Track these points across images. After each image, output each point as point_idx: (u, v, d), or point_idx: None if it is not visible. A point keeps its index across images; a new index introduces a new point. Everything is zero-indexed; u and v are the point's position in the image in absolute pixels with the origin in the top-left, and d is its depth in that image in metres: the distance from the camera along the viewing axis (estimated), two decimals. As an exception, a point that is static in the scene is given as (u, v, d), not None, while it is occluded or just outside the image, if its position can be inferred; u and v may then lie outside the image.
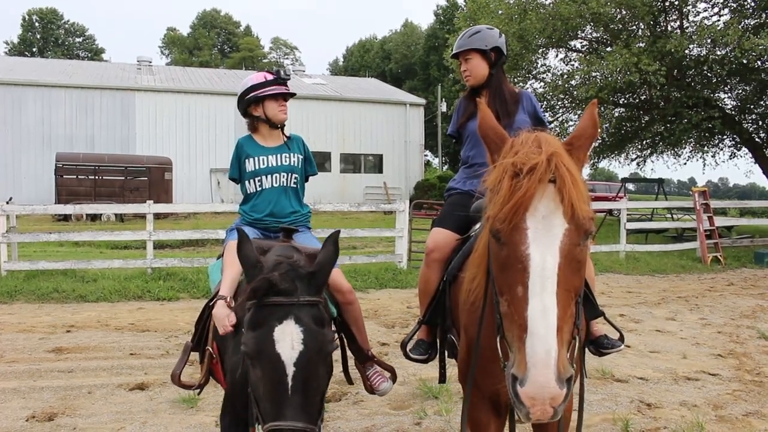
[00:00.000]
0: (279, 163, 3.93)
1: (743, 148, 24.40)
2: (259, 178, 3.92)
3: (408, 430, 5.15)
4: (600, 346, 3.34)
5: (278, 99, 3.91)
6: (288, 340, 2.26)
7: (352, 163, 37.45)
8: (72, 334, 8.23)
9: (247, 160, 3.93)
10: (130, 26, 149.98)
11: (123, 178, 27.87)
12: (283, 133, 4.03)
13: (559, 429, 2.68)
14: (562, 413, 2.00)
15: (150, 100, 33.70)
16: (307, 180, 4.17)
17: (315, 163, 4.24)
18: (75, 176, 27.30)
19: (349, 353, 3.83)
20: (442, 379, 3.59)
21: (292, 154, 3.99)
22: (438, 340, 3.46)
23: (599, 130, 2.11)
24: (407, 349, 3.51)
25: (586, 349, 3.43)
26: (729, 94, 23.31)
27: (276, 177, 3.92)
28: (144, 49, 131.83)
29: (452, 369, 3.71)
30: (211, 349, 3.34)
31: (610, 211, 23.88)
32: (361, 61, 68.78)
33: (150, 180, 27.83)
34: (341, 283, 3.65)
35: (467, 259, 2.92)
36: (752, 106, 23.08)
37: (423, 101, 40.17)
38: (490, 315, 2.48)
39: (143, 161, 28.68)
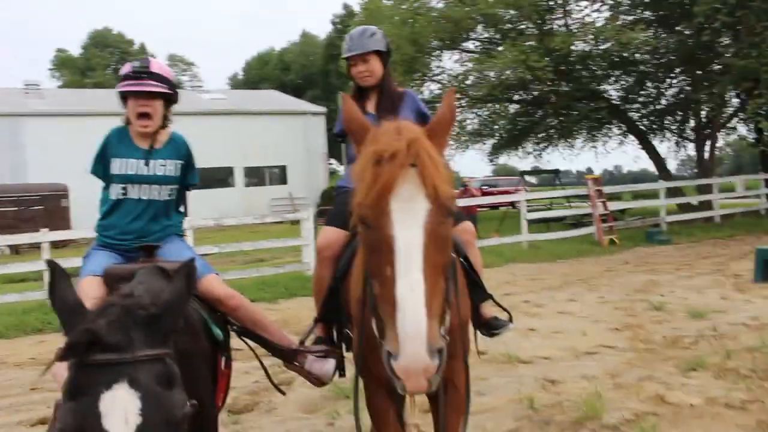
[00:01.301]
0: (152, 173, 3.40)
1: (630, 136, 25.76)
2: (124, 186, 3.38)
3: (321, 431, 5.22)
4: (490, 327, 3.51)
5: (138, 98, 3.31)
6: (119, 412, 1.71)
7: (256, 176, 37.10)
8: (-35, 375, 7.80)
9: (113, 160, 3.38)
10: (14, 50, 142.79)
11: (16, 208, 26.51)
12: (154, 136, 3.43)
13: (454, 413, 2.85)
14: (438, 385, 2.12)
15: (41, 125, 32.25)
16: (188, 190, 3.66)
17: (197, 171, 3.67)
18: (-38, 210, 25.85)
19: (275, 360, 3.65)
20: (342, 372, 3.67)
21: (168, 162, 3.44)
22: (336, 336, 3.55)
23: (455, 117, 2.24)
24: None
25: (478, 332, 3.61)
26: (614, 86, 24.57)
27: (145, 189, 3.38)
28: (33, 73, 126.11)
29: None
30: None
31: (512, 204, 24.68)
32: (261, 73, 68.19)
33: (46, 208, 26.60)
34: (216, 291, 3.27)
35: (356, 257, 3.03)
36: (635, 96, 24.41)
37: (324, 110, 40.28)
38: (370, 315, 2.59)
39: (37, 189, 27.39)
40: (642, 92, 24.25)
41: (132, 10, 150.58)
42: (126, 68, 3.37)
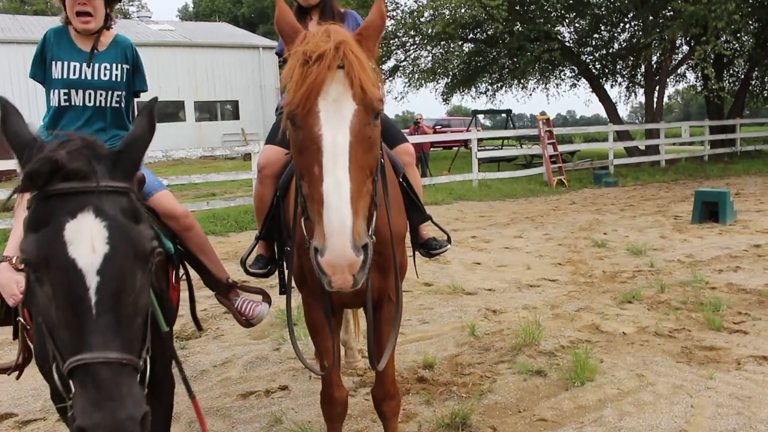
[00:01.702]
0: (96, 77, 3.15)
1: (582, 79, 26.00)
2: (67, 91, 3.13)
3: (267, 356, 5.31)
4: (429, 248, 3.59)
5: None
6: (86, 240, 1.64)
7: (208, 111, 36.29)
8: None
9: (54, 64, 3.13)
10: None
11: (-45, 138, 25.55)
12: (97, 37, 3.18)
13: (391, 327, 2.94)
14: (364, 283, 2.18)
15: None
16: (137, 96, 3.40)
17: (145, 75, 3.44)
18: None
19: (209, 293, 3.58)
20: (282, 290, 3.72)
21: (114, 65, 3.20)
22: (276, 254, 3.57)
23: (392, 25, 2.28)
24: (247, 265, 3.58)
25: (417, 252, 3.69)
26: (568, 28, 24.63)
27: (90, 94, 3.15)
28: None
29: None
30: (23, 320, 2.65)
31: (465, 143, 24.83)
32: (212, 6, 65.99)
33: (-14, 138, 25.70)
34: (173, 207, 3.14)
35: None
36: (588, 40, 24.53)
37: (276, 44, 39.32)
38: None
39: (-24, 119, 26.38)
40: (595, 36, 24.39)
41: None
42: None
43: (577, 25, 24.30)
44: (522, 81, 26.73)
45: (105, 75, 3.17)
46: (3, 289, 2.56)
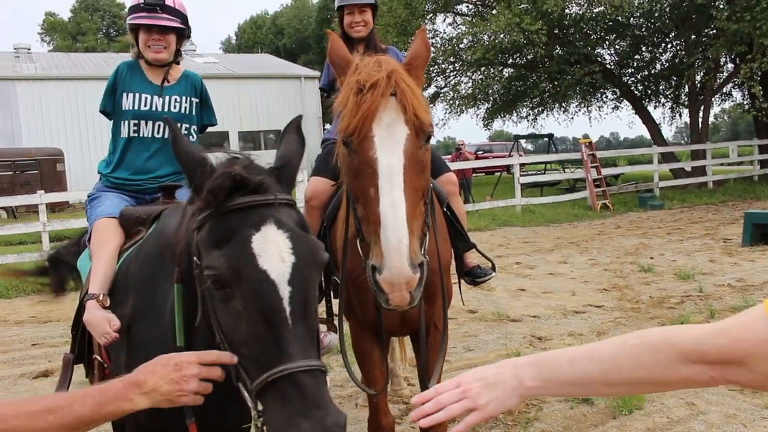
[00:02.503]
0: (166, 109, 3.18)
1: (624, 101, 25.76)
2: (137, 122, 3.16)
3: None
4: (474, 275, 3.63)
5: (151, 31, 3.13)
6: (274, 251, 1.63)
7: (252, 140, 36.97)
8: (-33, 332, 7.97)
9: (125, 95, 3.17)
10: (2, 14, 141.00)
11: (11, 173, 26.40)
12: (167, 70, 3.23)
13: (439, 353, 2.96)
14: (419, 300, 2.25)
15: (33, 89, 31.90)
16: (203, 131, 3.43)
17: (214, 110, 3.47)
18: (-42, 175, 25.79)
19: None
20: (329, 314, 3.78)
21: (183, 98, 3.24)
22: (324, 283, 3.64)
23: (432, 52, 2.41)
24: None
25: (462, 280, 3.73)
26: (608, 50, 24.50)
27: (159, 126, 3.17)
28: (21, 37, 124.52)
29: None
30: (99, 358, 2.61)
31: (507, 168, 24.75)
32: (254, 37, 67.39)
33: (41, 173, 26.47)
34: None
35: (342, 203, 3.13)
36: (629, 61, 24.35)
37: (317, 74, 39.94)
38: (356, 246, 2.71)
39: (32, 154, 27.21)
40: (636, 57, 24.20)
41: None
42: None
43: (617, 46, 24.17)
44: (563, 104, 26.62)
45: (175, 107, 3.21)
46: (95, 328, 2.48)
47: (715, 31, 20.26)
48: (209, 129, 3.45)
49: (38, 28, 73.83)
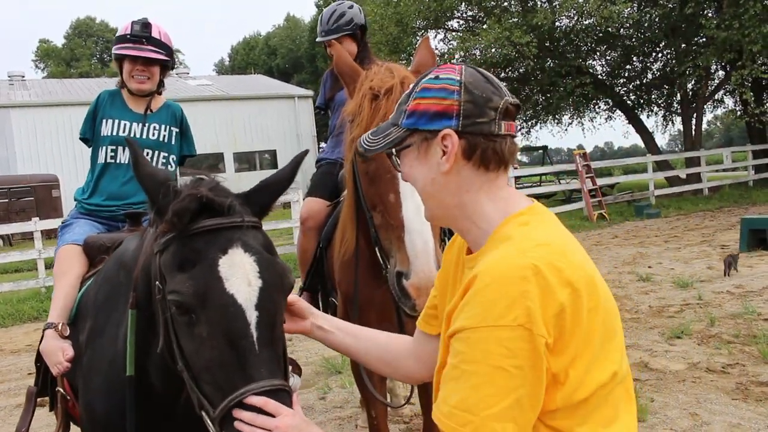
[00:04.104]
0: (144, 136, 3.19)
1: (617, 111, 25.87)
2: (114, 148, 3.17)
3: (313, 405, 5.31)
4: None
5: (135, 62, 3.17)
6: (241, 274, 1.59)
7: (247, 161, 37.01)
8: (-38, 362, 7.90)
9: (104, 122, 3.21)
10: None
11: (7, 200, 26.38)
12: (150, 99, 3.28)
13: None
14: None
15: (27, 116, 31.96)
16: (183, 162, 3.43)
17: (194, 141, 3.47)
18: (-48, 203, 25.75)
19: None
20: None
21: (163, 126, 3.25)
22: (321, 305, 3.61)
23: (435, 59, 2.43)
24: None
25: None
26: (599, 61, 24.63)
27: None
28: (14, 64, 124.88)
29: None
30: (62, 390, 2.59)
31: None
32: (247, 58, 67.64)
33: (36, 199, 26.46)
34: None
35: (338, 222, 3.10)
36: (620, 71, 24.48)
37: (311, 93, 40.03)
38: (362, 266, 2.68)
39: (27, 180, 27.22)
40: (627, 67, 24.34)
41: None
42: (125, 28, 3.20)
43: (608, 57, 24.31)
44: (556, 116, 26.70)
45: (153, 135, 3.22)
46: (49, 357, 2.46)
47: (704, 40, 20.39)
48: (202, 151, 3.44)
49: (32, 55, 73.93)
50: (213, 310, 1.55)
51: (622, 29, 21.42)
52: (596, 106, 26.56)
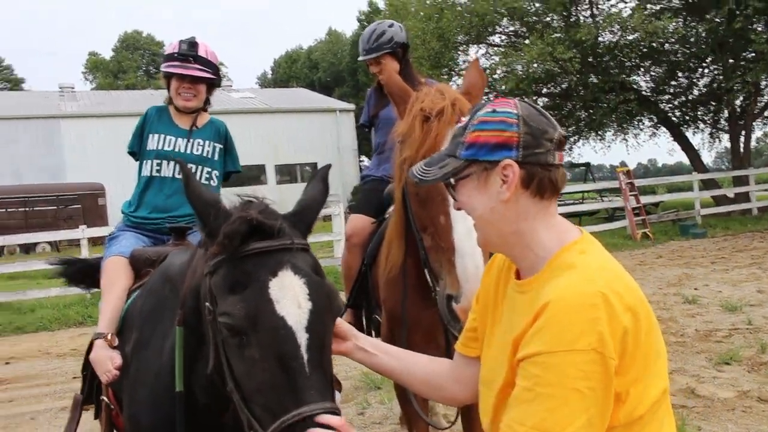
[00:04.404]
0: (188, 151, 3.26)
1: (662, 128, 25.42)
2: (159, 161, 3.25)
3: (352, 420, 5.29)
4: None
5: (182, 80, 3.25)
6: (292, 297, 1.60)
7: (288, 173, 37.40)
8: (11, 365, 8.11)
9: (151, 136, 3.29)
10: (49, 54, 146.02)
11: (55, 207, 27.16)
12: (195, 116, 3.35)
13: None
14: None
15: (76, 126, 32.89)
16: (227, 179, 3.49)
17: (238, 158, 3.53)
18: (4, 209, 26.57)
19: None
20: None
21: (207, 142, 3.32)
22: (365, 322, 3.60)
23: (486, 80, 2.48)
24: None
25: None
26: (643, 77, 24.26)
27: None
28: (66, 76, 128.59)
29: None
30: (107, 399, 2.64)
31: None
32: (289, 72, 68.47)
33: (83, 207, 27.23)
34: None
35: (384, 239, 3.10)
36: (665, 87, 24.06)
37: (353, 107, 40.35)
38: (409, 286, 2.66)
39: (75, 189, 28.05)
40: (673, 83, 23.91)
41: (161, 12, 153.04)
42: (173, 47, 3.28)
43: (653, 73, 23.91)
44: (599, 133, 26.35)
45: (197, 150, 3.29)
46: (99, 366, 2.52)
47: (754, 55, 19.92)
48: (245, 163, 3.52)
49: (82, 67, 75.99)
50: (264, 332, 1.57)
51: (667, 44, 21.05)
52: (640, 123, 26.14)
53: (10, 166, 31.36)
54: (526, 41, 21.29)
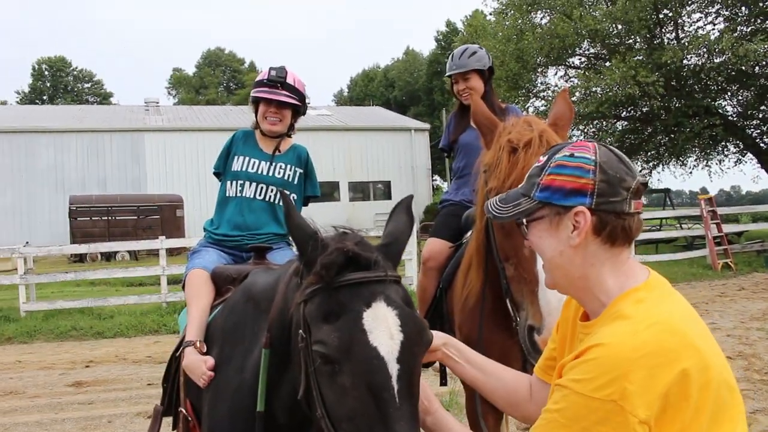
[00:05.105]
0: (270, 174, 3.37)
1: (748, 154, 24.48)
2: (242, 182, 3.36)
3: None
4: None
5: (270, 105, 3.37)
6: (384, 328, 1.63)
7: (361, 191, 37.72)
8: (91, 368, 8.43)
9: (236, 158, 3.41)
10: (137, 69, 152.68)
11: (135, 217, 28.22)
12: (279, 141, 3.46)
13: None
14: None
15: (159, 139, 34.21)
16: (306, 203, 3.56)
17: (318, 183, 3.62)
18: (89, 218, 27.72)
19: None
20: (443, 381, 3.73)
21: (289, 167, 3.42)
22: None
23: (573, 112, 2.48)
24: None
25: None
26: (730, 101, 23.46)
27: (262, 188, 3.34)
28: (151, 91, 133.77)
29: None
30: (185, 411, 2.72)
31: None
32: (366, 90, 69.37)
33: (162, 218, 28.17)
34: None
35: (461, 265, 3.10)
36: (754, 112, 23.19)
37: (428, 126, 40.49)
38: (487, 313, 2.67)
39: (155, 200, 29.06)
40: (762, 107, 23.01)
41: (243, 30, 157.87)
42: (264, 74, 3.42)
43: (740, 97, 23.10)
44: (681, 158, 25.58)
45: (279, 173, 3.39)
46: (193, 371, 2.58)
47: None
48: (320, 180, 3.59)
49: (165, 82, 79.19)
50: (356, 361, 1.59)
51: (757, 67, 20.32)
52: (725, 149, 25.26)
53: (97, 176, 32.90)
54: (606, 63, 20.94)
